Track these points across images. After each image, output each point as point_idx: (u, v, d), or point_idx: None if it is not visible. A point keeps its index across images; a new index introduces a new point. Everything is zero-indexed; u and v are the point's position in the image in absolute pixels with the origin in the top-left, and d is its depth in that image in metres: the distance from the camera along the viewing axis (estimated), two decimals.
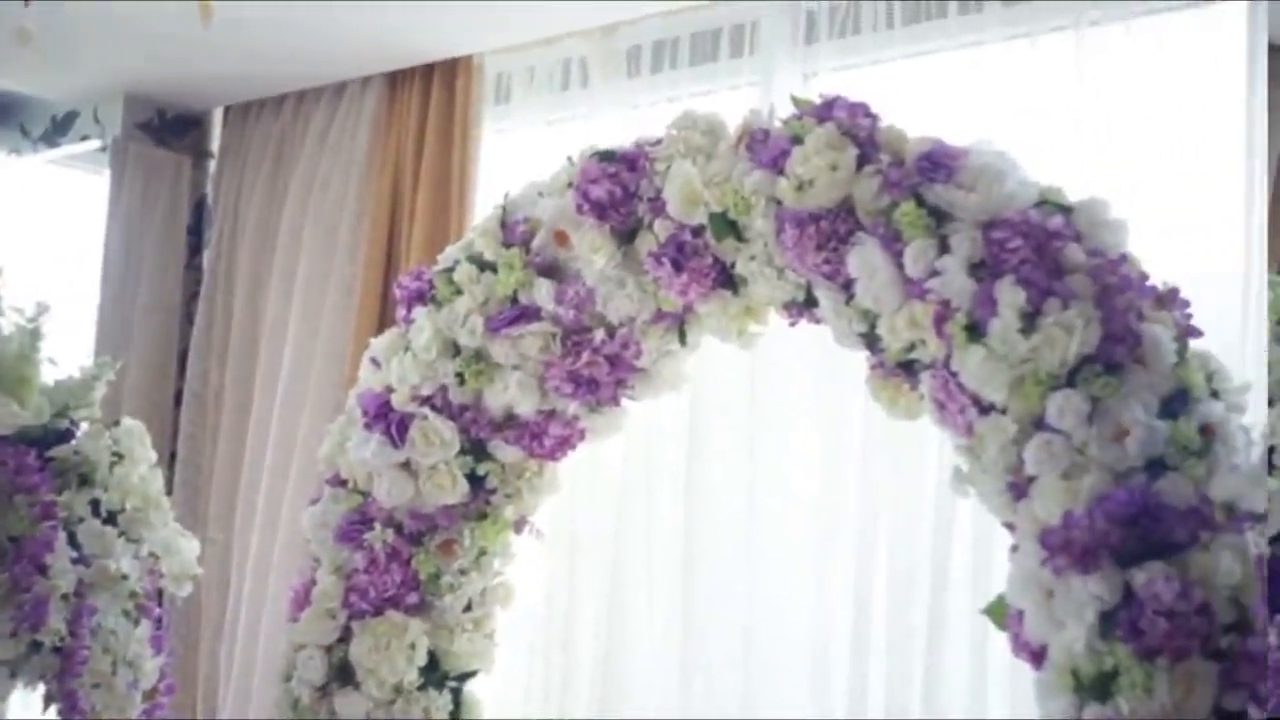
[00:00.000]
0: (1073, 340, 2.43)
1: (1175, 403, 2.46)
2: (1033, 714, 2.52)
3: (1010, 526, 2.59)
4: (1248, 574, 2.28)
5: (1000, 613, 2.60)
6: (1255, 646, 1.57)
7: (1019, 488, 2.52)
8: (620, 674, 3.43)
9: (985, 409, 2.55)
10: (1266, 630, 1.50)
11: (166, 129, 5.66)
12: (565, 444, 3.34)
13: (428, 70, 4.64)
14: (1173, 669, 2.28)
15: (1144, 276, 2.57)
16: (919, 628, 3.04)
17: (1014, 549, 2.56)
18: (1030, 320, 2.48)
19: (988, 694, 2.93)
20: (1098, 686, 2.35)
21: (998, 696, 2.89)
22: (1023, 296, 2.47)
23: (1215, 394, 2.53)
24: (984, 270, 2.56)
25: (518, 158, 4.26)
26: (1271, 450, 1.60)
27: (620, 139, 3.22)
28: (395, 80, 4.73)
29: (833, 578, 3.18)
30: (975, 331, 2.52)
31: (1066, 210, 2.62)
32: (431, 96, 4.55)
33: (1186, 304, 2.59)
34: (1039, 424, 2.48)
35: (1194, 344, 2.55)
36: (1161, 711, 2.28)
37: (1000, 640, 2.62)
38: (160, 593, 3.26)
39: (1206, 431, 2.44)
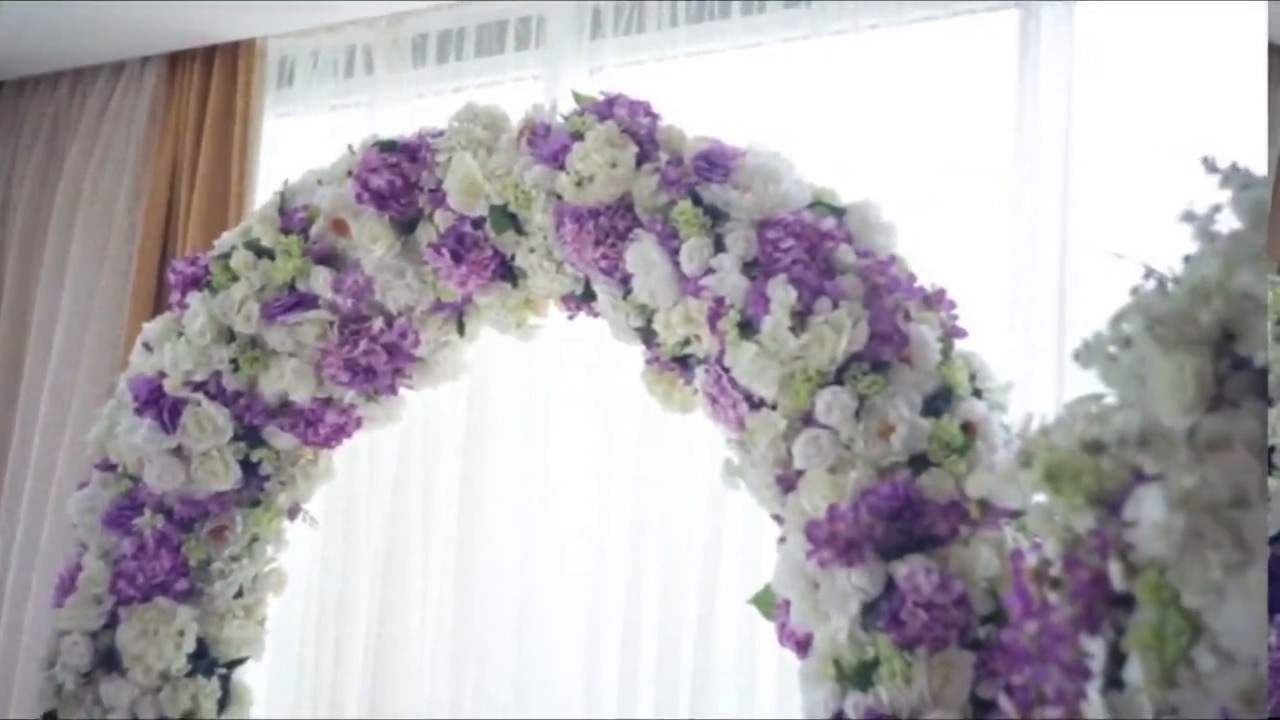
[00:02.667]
0: (841, 339, 2.47)
1: (939, 400, 2.51)
2: (798, 702, 2.55)
3: (778, 519, 2.62)
4: (1004, 567, 2.33)
5: (767, 602, 2.63)
6: (1008, 638, 1.59)
7: (787, 481, 2.55)
8: (392, 662, 3.38)
9: (756, 404, 2.57)
10: (1024, 624, 1.52)
11: None
12: (341, 432, 3.29)
13: (209, 52, 4.52)
14: (931, 658, 2.33)
15: (912, 278, 2.61)
16: (690, 616, 3.05)
17: (781, 540, 2.59)
18: (801, 319, 2.50)
19: (754, 684, 2.96)
20: (859, 675, 2.39)
21: (765, 683, 2.92)
22: (794, 295, 2.50)
23: (978, 392, 2.59)
24: (757, 269, 2.58)
25: (299, 143, 4.17)
26: (1271, 450, 1.63)
27: (404, 127, 3.18)
28: (176, 61, 4.60)
29: (606, 566, 3.18)
30: (748, 328, 2.54)
31: (839, 212, 2.66)
32: (212, 79, 4.43)
33: (953, 304, 2.64)
34: (808, 419, 2.51)
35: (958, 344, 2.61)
36: (920, 700, 2.32)
37: (768, 628, 2.65)
38: None
39: (968, 429, 2.49)
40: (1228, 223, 1.57)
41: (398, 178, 3.04)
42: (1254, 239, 1.49)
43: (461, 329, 3.18)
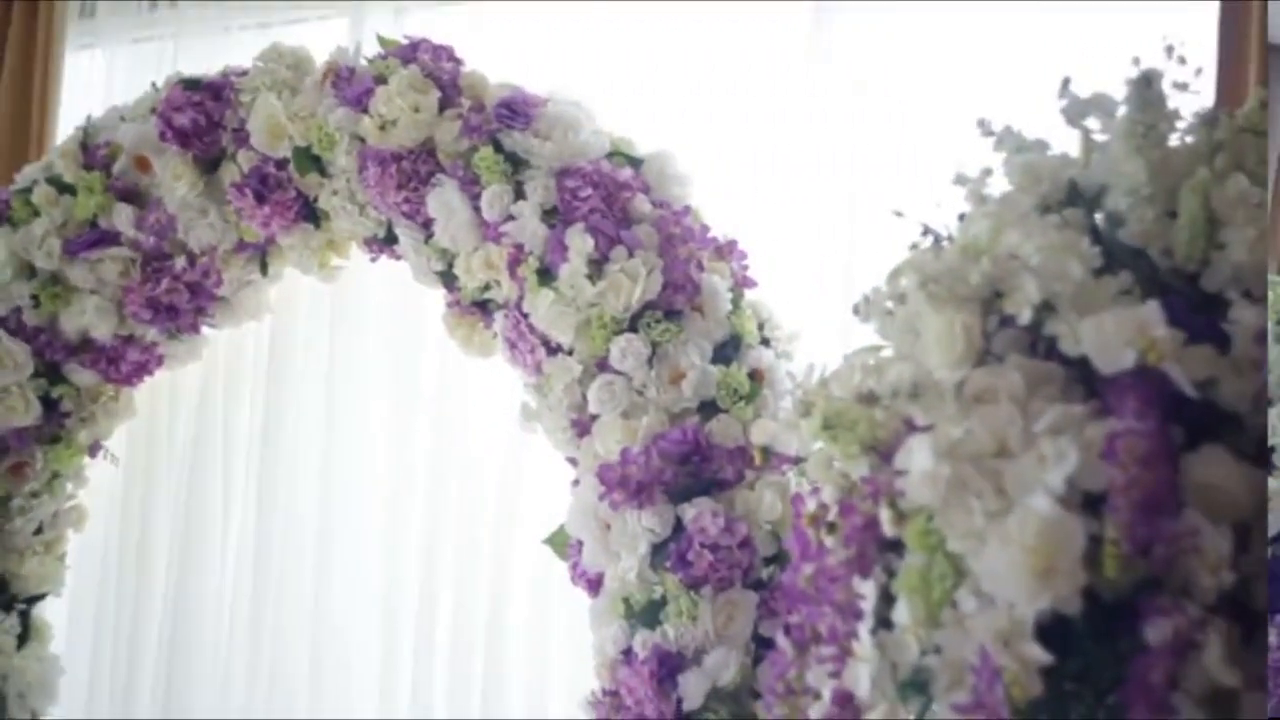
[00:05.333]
0: (636, 287, 2.48)
1: (728, 348, 2.54)
2: (589, 639, 2.57)
3: (573, 461, 2.63)
4: (787, 511, 2.37)
5: (561, 543, 2.64)
6: (788, 579, 1.62)
7: (582, 425, 2.56)
8: (191, 601, 3.32)
9: (553, 349, 2.57)
10: (801, 566, 1.54)
11: None
12: (142, 369, 3.22)
13: None
14: (716, 598, 2.37)
15: (705, 228, 2.63)
16: (486, 556, 3.04)
17: (575, 483, 2.59)
18: (598, 267, 2.51)
19: (547, 621, 2.96)
20: (648, 613, 2.42)
21: (557, 621, 2.93)
22: (591, 244, 2.50)
23: (766, 341, 2.62)
24: (556, 216, 2.57)
25: (102, 77, 4.04)
26: (1272, 450, 1.65)
27: (209, 64, 3.11)
28: None
29: (405, 502, 3.15)
30: (546, 275, 2.54)
31: (636, 162, 2.67)
32: (13, 8, 4.28)
33: (744, 255, 2.66)
34: (603, 365, 2.52)
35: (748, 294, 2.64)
36: (704, 637, 2.36)
37: (562, 567, 2.66)
38: None
39: (756, 376, 2.53)
40: (1000, 185, 1.61)
41: (201, 116, 2.97)
42: (1022, 201, 1.53)
43: (264, 269, 3.13)
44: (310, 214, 2.95)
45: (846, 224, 2.98)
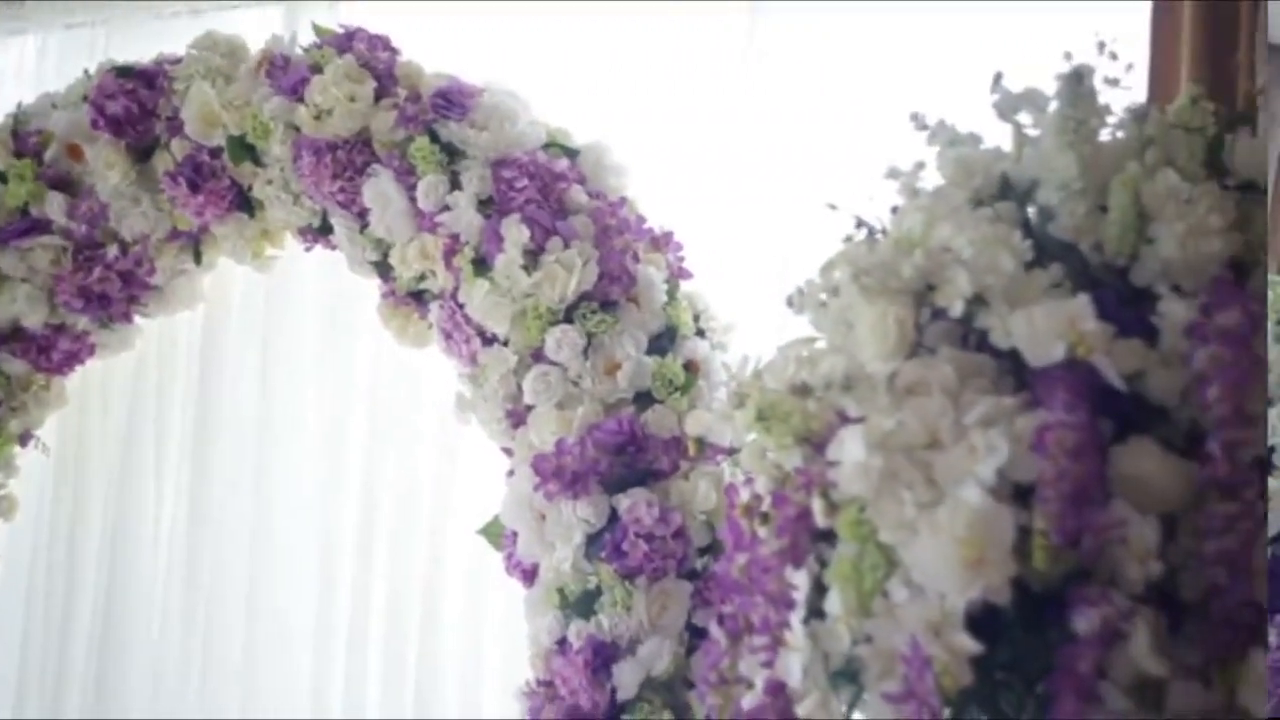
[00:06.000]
0: (572, 278, 2.48)
1: (664, 339, 2.55)
2: (524, 629, 2.57)
3: (508, 452, 2.62)
4: (721, 501, 2.37)
5: (496, 533, 2.64)
6: (721, 569, 1.62)
7: (517, 415, 2.56)
8: (124, 590, 3.28)
9: (488, 340, 2.57)
10: (735, 556, 1.54)
11: None
12: (74, 358, 3.20)
13: None
14: (650, 588, 2.37)
15: (641, 220, 2.63)
16: (421, 548, 3.02)
17: (510, 474, 2.59)
18: (533, 257, 2.51)
19: (482, 611, 2.95)
20: (582, 604, 2.42)
21: (492, 611, 2.91)
22: (527, 234, 2.50)
23: (702, 332, 2.62)
24: (492, 207, 2.57)
25: (33, 63, 3.98)
26: (1272, 450, 1.65)
27: (142, 50, 3.08)
28: None
29: (338, 499, 3.12)
30: (482, 266, 2.54)
31: (572, 153, 2.67)
32: None
33: (680, 246, 2.67)
34: (538, 356, 2.52)
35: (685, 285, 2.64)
36: (639, 627, 2.36)
37: (497, 557, 2.65)
38: None
39: (691, 367, 2.53)
40: (933, 179, 1.61)
41: (134, 104, 2.95)
42: (955, 195, 1.53)
43: (198, 258, 3.09)
44: (244, 203, 2.93)
45: (782, 217, 2.98)
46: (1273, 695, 1.67)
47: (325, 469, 3.16)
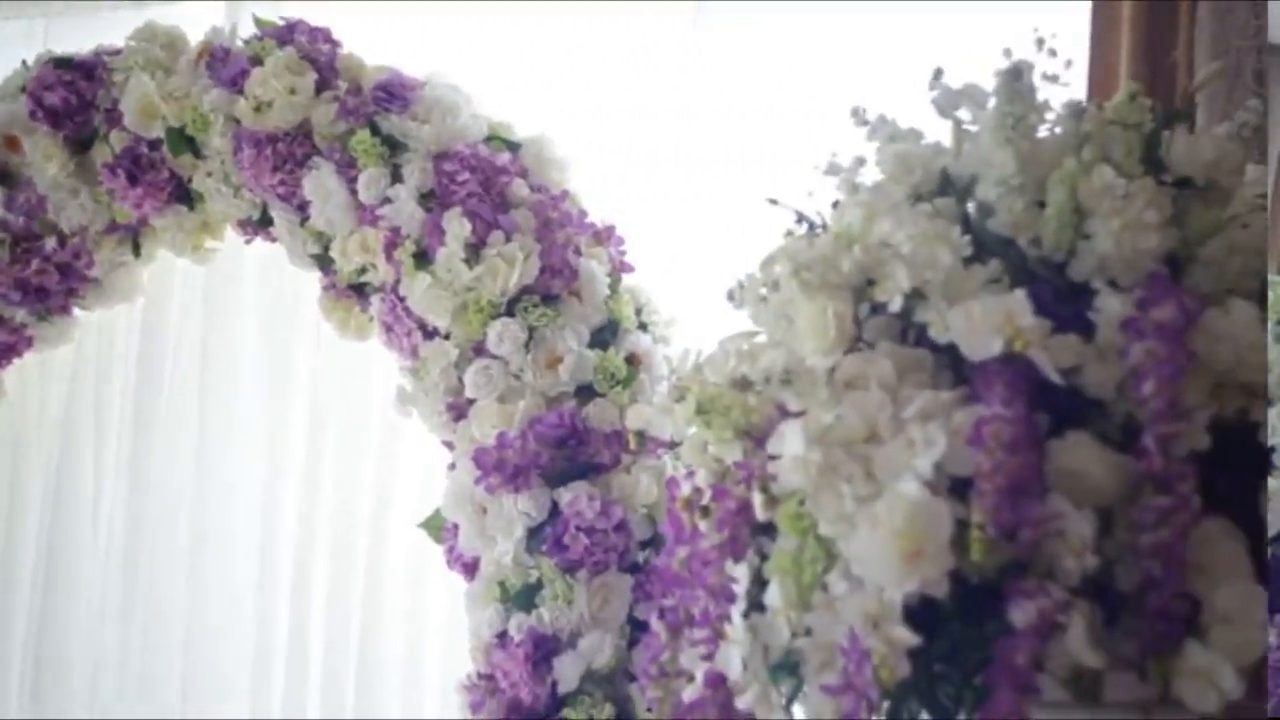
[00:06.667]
0: (514, 271, 2.47)
1: (606, 333, 2.55)
2: (464, 622, 2.56)
3: (449, 445, 2.61)
4: (663, 495, 2.37)
5: (437, 526, 2.63)
6: (662, 562, 1.61)
7: (459, 409, 2.55)
8: (62, 585, 3.24)
9: (430, 333, 2.56)
10: (676, 549, 1.54)
11: None
12: (11, 351, 3.16)
13: None
14: (591, 581, 2.37)
15: (583, 214, 2.63)
16: (362, 540, 3.01)
17: (451, 467, 2.58)
18: (475, 251, 2.50)
19: (422, 605, 2.94)
20: (523, 597, 2.42)
21: (434, 604, 2.91)
22: (468, 228, 2.49)
23: (644, 326, 2.62)
24: (434, 200, 2.56)
25: None
26: (1272, 450, 1.65)
27: (81, 41, 3.04)
28: None
29: (278, 492, 3.10)
30: (423, 259, 2.53)
31: (514, 146, 2.66)
32: None
33: (621, 240, 2.67)
34: (479, 349, 2.52)
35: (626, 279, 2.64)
36: (580, 620, 2.36)
37: (438, 551, 2.65)
38: None
39: (633, 361, 2.53)
40: (873, 174, 1.61)
41: (73, 96, 2.92)
42: (894, 190, 1.53)
43: (137, 250, 3.06)
44: (184, 195, 2.90)
45: (723, 212, 2.98)
46: (1273, 695, 1.68)
47: (265, 462, 3.14)
